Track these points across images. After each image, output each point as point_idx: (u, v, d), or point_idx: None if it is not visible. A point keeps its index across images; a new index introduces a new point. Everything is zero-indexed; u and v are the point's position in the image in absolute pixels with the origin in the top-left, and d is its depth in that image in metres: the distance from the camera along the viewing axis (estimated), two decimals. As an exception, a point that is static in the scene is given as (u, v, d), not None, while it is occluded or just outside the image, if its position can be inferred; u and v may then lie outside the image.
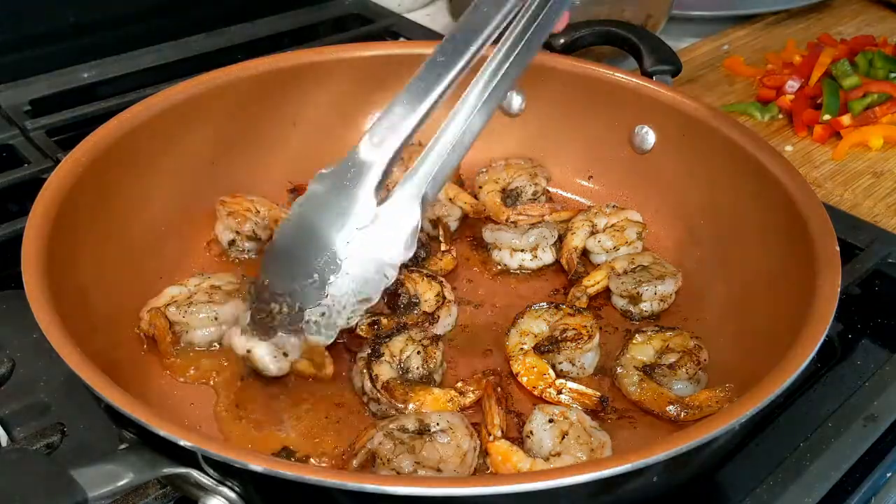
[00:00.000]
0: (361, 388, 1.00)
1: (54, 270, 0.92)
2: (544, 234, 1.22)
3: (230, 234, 1.22)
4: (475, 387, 1.00)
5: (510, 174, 1.34)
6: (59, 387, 0.99)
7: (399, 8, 2.07)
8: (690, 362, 1.01)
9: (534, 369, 1.04)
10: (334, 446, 0.95)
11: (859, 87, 1.67)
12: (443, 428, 0.91)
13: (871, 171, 1.56)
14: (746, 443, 0.96)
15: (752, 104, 1.73)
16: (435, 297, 1.11)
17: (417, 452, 0.88)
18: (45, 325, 0.83)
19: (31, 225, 0.96)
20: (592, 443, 0.91)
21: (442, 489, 0.72)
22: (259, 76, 1.31)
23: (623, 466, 0.71)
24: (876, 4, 2.23)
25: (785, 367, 0.82)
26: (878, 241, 1.25)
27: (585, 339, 1.04)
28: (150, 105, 1.19)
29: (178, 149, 1.23)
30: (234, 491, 0.78)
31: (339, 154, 1.43)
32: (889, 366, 1.06)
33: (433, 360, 1.02)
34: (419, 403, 0.97)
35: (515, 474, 0.87)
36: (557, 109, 1.37)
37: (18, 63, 1.62)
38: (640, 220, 1.25)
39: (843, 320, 1.16)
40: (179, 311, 1.06)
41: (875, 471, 0.95)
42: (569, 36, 1.41)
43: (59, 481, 0.71)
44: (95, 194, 1.07)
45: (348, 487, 0.70)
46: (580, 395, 1.01)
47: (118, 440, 0.83)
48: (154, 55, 1.73)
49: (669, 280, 1.14)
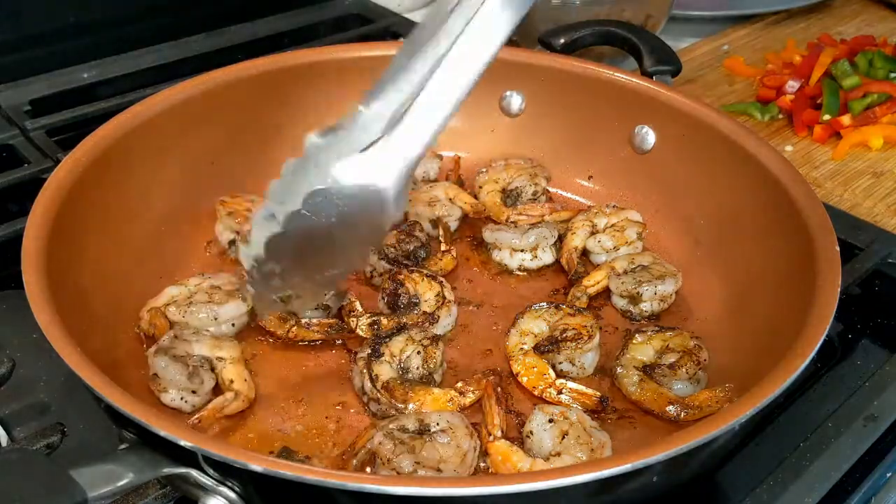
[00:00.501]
0: (361, 388, 1.00)
1: (54, 270, 0.92)
2: (544, 234, 1.22)
3: (230, 234, 1.22)
4: (475, 387, 1.00)
5: (510, 174, 1.34)
6: (59, 387, 0.99)
7: (399, 8, 2.07)
8: (690, 362, 1.01)
9: (534, 369, 1.04)
10: (333, 444, 0.95)
11: (859, 87, 1.67)
12: (443, 428, 0.91)
13: (871, 171, 1.56)
14: (746, 443, 0.96)
15: (752, 104, 1.73)
16: (435, 297, 1.11)
17: (417, 452, 0.88)
18: (45, 325, 0.84)
19: (31, 225, 0.96)
20: (592, 443, 0.91)
21: (442, 489, 0.72)
22: (259, 76, 1.31)
23: (623, 466, 0.71)
24: (876, 4, 2.23)
25: (785, 368, 0.82)
26: (878, 241, 1.25)
27: (585, 339, 1.04)
28: (150, 105, 1.19)
29: (178, 149, 1.23)
30: (234, 491, 0.78)
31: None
32: (889, 366, 1.06)
33: (433, 360, 1.02)
34: (419, 403, 0.97)
35: (515, 474, 0.87)
36: (557, 109, 1.37)
37: (18, 63, 1.62)
38: (640, 220, 1.25)
39: (843, 320, 1.16)
40: (179, 310, 1.06)
41: (875, 471, 0.95)
42: (569, 36, 1.41)
43: (59, 481, 0.71)
44: (95, 194, 1.07)
45: (348, 487, 0.70)
46: (580, 395, 1.01)
47: (118, 440, 0.83)
48: (154, 55, 1.73)
49: (669, 280, 1.14)
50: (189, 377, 0.95)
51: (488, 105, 1.41)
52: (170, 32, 1.77)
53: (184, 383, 0.95)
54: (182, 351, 0.98)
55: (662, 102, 1.27)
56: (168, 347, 0.97)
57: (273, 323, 1.09)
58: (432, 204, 1.29)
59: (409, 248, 1.20)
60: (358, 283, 1.20)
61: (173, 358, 0.96)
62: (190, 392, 0.96)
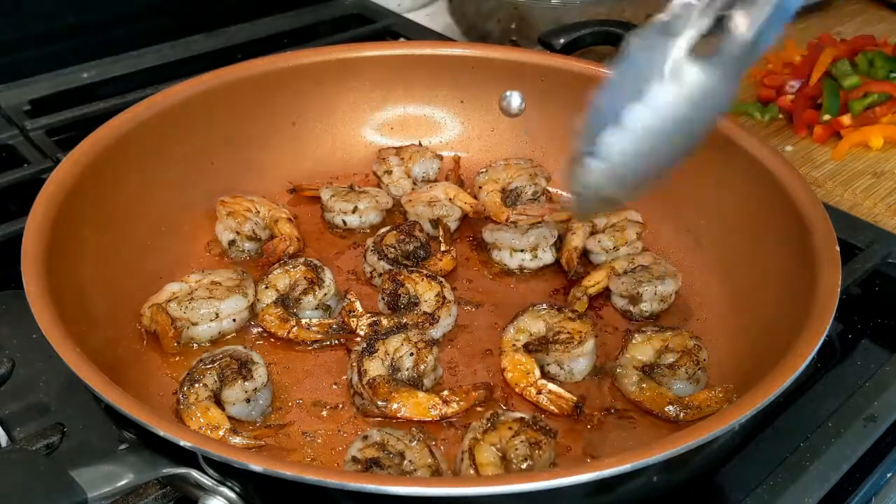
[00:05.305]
0: (350, 381, 1.00)
1: (54, 270, 0.92)
2: (544, 234, 1.22)
3: (230, 234, 1.22)
4: (461, 398, 1.00)
5: (510, 174, 1.34)
6: (59, 387, 0.99)
7: (399, 8, 2.07)
8: (690, 362, 1.01)
9: (519, 367, 1.04)
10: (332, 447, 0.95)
11: (859, 87, 1.67)
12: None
13: (871, 171, 1.55)
14: (746, 443, 0.96)
15: (752, 104, 1.73)
16: (435, 298, 1.11)
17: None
18: (45, 325, 0.84)
19: (31, 225, 0.96)
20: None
21: (442, 489, 0.72)
22: (259, 76, 1.31)
23: (623, 466, 0.71)
24: (876, 4, 2.23)
25: (785, 367, 0.82)
26: (878, 241, 1.25)
27: (575, 343, 1.04)
28: (150, 105, 1.20)
29: (178, 149, 1.23)
30: (234, 491, 0.78)
31: (339, 154, 1.44)
32: (889, 366, 1.06)
33: (424, 364, 1.01)
34: (400, 405, 0.97)
35: (515, 474, 0.87)
36: (557, 109, 1.37)
37: (18, 63, 1.62)
38: (640, 220, 1.25)
39: (843, 320, 1.16)
40: (181, 306, 1.06)
41: (875, 471, 0.95)
42: (569, 36, 1.41)
43: (59, 481, 0.71)
44: (95, 194, 1.07)
45: (348, 487, 0.70)
46: (557, 398, 1.01)
47: (118, 440, 0.83)
48: (154, 55, 1.73)
49: (669, 280, 1.14)
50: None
51: (488, 105, 1.41)
52: (170, 32, 1.77)
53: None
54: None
55: (662, 102, 1.26)
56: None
57: (273, 323, 1.09)
58: (432, 204, 1.29)
59: (409, 248, 1.20)
60: (358, 283, 1.20)
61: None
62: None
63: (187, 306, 1.06)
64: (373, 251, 1.19)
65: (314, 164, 1.38)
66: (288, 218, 1.26)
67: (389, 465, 0.86)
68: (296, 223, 1.27)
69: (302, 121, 1.37)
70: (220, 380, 0.96)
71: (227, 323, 1.08)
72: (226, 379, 0.96)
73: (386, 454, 0.87)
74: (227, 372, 0.96)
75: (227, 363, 0.97)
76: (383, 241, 1.21)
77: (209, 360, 0.98)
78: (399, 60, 1.40)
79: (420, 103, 1.43)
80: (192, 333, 1.07)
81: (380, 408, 0.97)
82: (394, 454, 0.88)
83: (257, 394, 0.98)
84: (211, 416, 0.93)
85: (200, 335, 1.07)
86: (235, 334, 1.10)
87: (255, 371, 0.97)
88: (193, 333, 1.07)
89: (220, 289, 1.09)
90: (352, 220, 1.29)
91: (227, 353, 0.99)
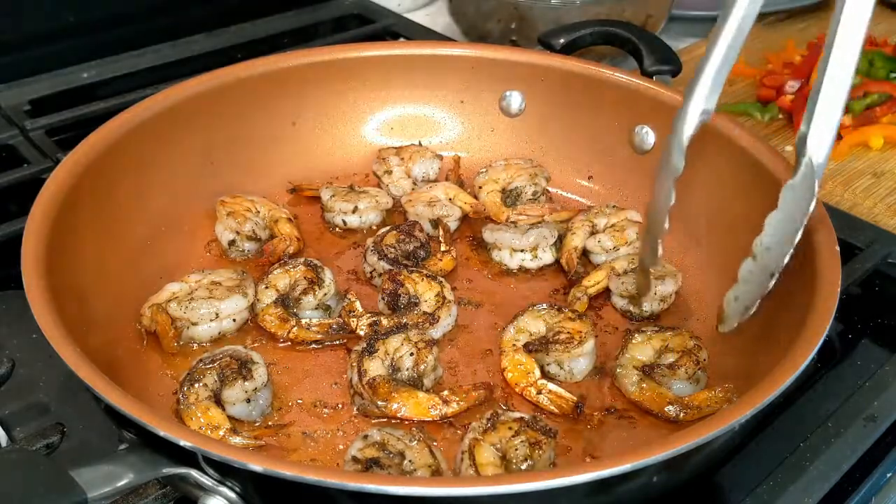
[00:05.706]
0: (350, 381, 1.00)
1: (54, 270, 0.92)
2: (544, 234, 1.22)
3: (230, 234, 1.22)
4: (461, 398, 1.00)
5: (510, 174, 1.34)
6: (59, 387, 0.99)
7: (399, 8, 2.07)
8: (690, 362, 1.01)
9: (519, 367, 1.04)
10: (332, 447, 0.95)
11: (859, 87, 1.67)
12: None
13: (871, 171, 1.55)
14: (746, 443, 0.96)
15: (752, 104, 1.73)
16: (435, 298, 1.11)
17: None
18: (45, 325, 0.84)
19: (30, 225, 0.96)
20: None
21: (442, 489, 0.72)
22: (259, 76, 1.31)
23: (623, 466, 0.71)
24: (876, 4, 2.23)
25: (785, 367, 0.82)
26: (878, 241, 1.25)
27: (575, 343, 1.04)
28: (150, 105, 1.19)
29: (178, 149, 1.23)
30: (234, 491, 0.78)
31: (339, 154, 1.44)
32: (889, 366, 1.06)
33: (424, 364, 1.01)
34: (400, 405, 0.97)
35: (515, 474, 0.87)
36: (557, 109, 1.37)
37: (18, 63, 1.62)
38: (640, 221, 1.25)
39: (843, 320, 1.16)
40: (181, 306, 1.06)
41: (875, 471, 0.95)
42: (569, 36, 1.41)
43: (58, 481, 0.71)
44: (95, 194, 1.07)
45: (348, 487, 0.70)
46: (557, 398, 1.01)
47: (118, 440, 0.83)
48: (154, 55, 1.73)
49: (669, 280, 1.14)
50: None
51: (488, 105, 1.41)
52: (170, 32, 1.78)
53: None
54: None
55: (662, 102, 1.26)
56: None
57: (273, 323, 1.09)
58: (432, 204, 1.29)
59: (409, 248, 1.20)
60: (358, 283, 1.20)
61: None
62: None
63: (187, 306, 1.06)
64: (373, 251, 1.19)
65: (314, 164, 1.38)
66: (288, 218, 1.26)
67: (389, 465, 0.86)
68: (296, 223, 1.27)
69: (302, 121, 1.37)
70: (220, 380, 0.96)
71: (227, 323, 1.08)
72: (226, 379, 0.96)
73: (386, 454, 0.87)
74: (227, 372, 0.96)
75: (227, 363, 0.97)
76: (383, 241, 1.21)
77: (209, 360, 0.98)
78: (399, 60, 1.40)
79: (420, 103, 1.43)
80: (192, 333, 1.07)
81: (380, 408, 0.97)
82: (394, 454, 0.88)
83: (257, 394, 0.98)
84: (211, 416, 0.93)
85: (200, 335, 1.07)
86: (235, 334, 1.10)
87: (255, 371, 0.97)
88: (193, 333, 1.07)
89: (220, 289, 1.10)
90: (352, 220, 1.29)
91: (227, 353, 0.99)
